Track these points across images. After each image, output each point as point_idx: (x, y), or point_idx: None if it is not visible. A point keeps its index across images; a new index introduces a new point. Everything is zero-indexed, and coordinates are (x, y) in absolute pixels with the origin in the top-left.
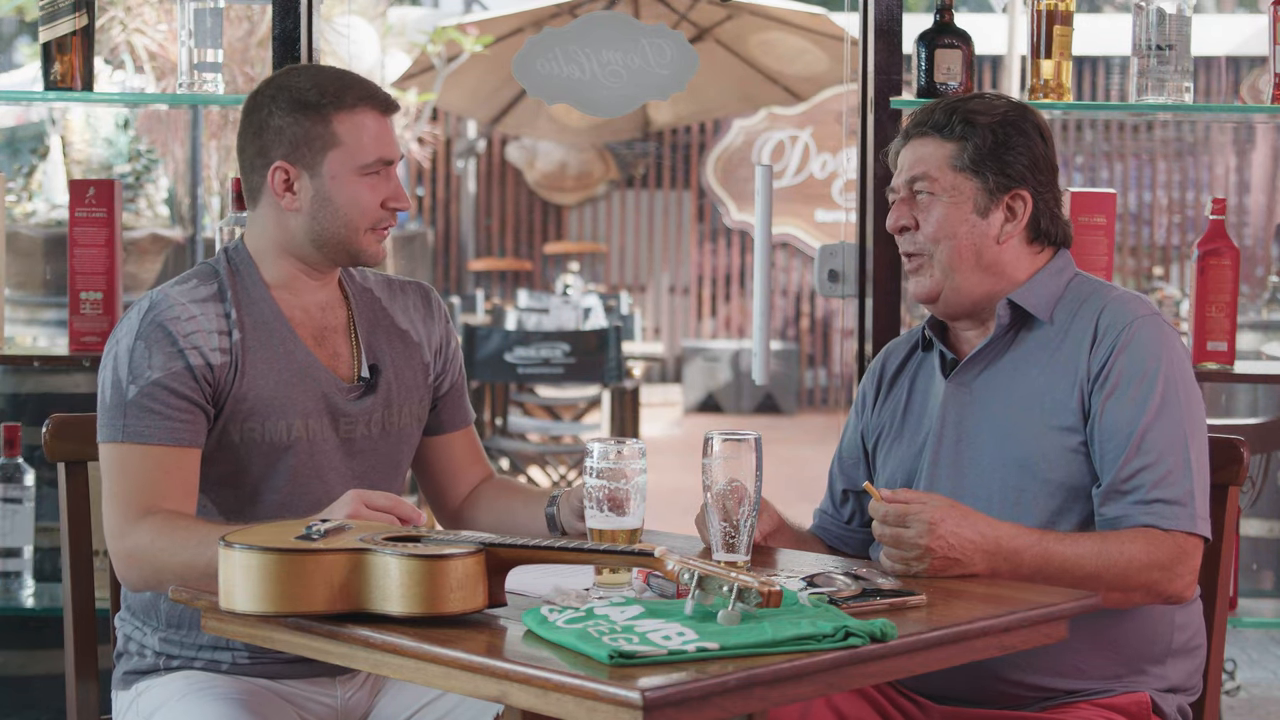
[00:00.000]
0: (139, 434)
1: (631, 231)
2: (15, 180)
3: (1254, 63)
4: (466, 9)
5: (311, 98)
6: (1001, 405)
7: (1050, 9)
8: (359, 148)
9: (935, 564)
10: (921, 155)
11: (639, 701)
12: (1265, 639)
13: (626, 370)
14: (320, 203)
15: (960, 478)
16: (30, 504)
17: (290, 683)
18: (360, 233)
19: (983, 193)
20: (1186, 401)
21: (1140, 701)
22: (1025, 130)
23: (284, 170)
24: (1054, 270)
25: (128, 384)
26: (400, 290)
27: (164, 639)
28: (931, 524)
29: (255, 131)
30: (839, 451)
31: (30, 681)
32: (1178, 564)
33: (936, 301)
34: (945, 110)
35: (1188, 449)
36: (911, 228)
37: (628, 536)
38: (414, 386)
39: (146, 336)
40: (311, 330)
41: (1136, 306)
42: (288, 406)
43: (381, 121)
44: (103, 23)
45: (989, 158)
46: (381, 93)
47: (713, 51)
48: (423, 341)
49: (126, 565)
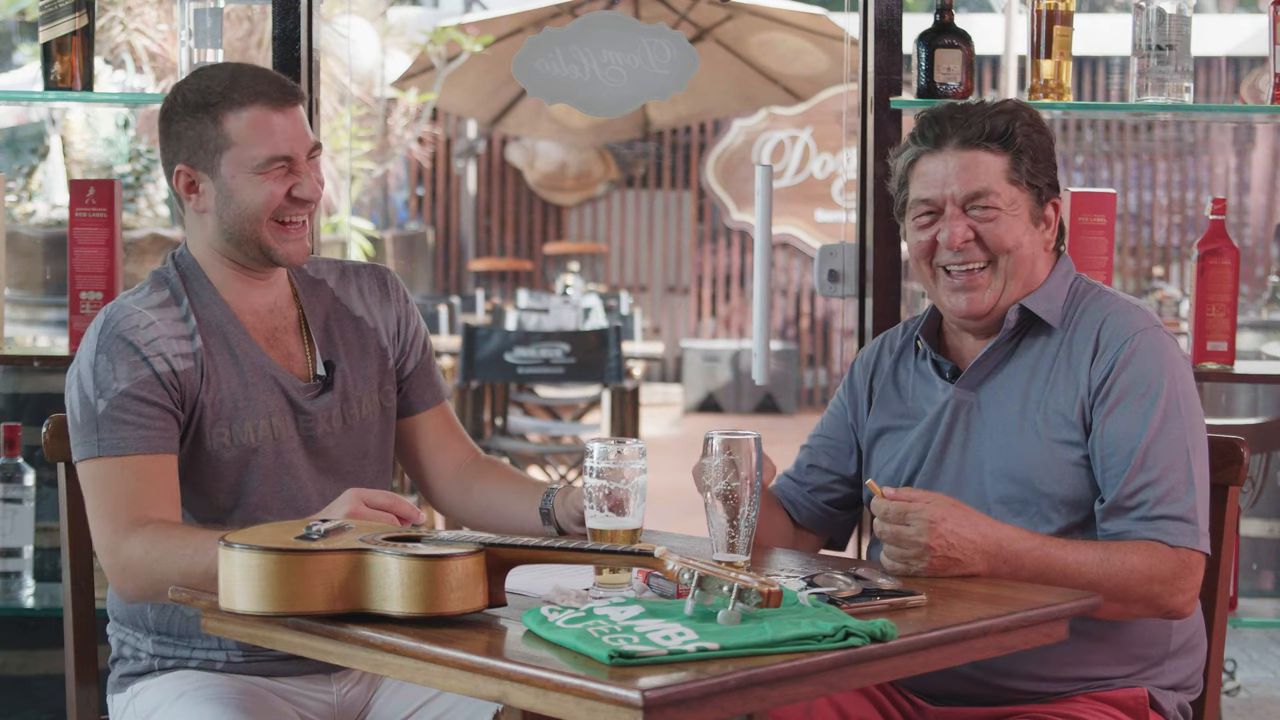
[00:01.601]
0: (114, 446)
1: (631, 231)
2: (15, 180)
3: (1254, 63)
4: (466, 9)
5: (202, 99)
6: (1005, 415)
7: (1050, 9)
8: (249, 147)
9: (935, 563)
10: (976, 170)
11: (639, 701)
12: (1265, 639)
13: (626, 370)
14: (223, 201)
15: (962, 486)
16: (30, 504)
17: (286, 680)
18: (267, 226)
19: (1035, 203)
20: (1188, 415)
21: (1138, 696)
22: (1048, 134)
23: (186, 173)
24: (1061, 273)
25: (95, 399)
26: (355, 275)
27: (157, 641)
28: (932, 522)
29: (162, 136)
30: (820, 431)
31: (30, 681)
32: (1179, 579)
33: (985, 317)
34: (992, 119)
35: (1190, 464)
36: (973, 241)
37: (628, 536)
38: (372, 375)
39: (108, 350)
40: (263, 333)
41: (1138, 319)
42: (252, 407)
43: (276, 117)
44: (103, 23)
45: (1038, 168)
46: (275, 86)
47: (713, 51)
48: (379, 326)
49: (122, 579)
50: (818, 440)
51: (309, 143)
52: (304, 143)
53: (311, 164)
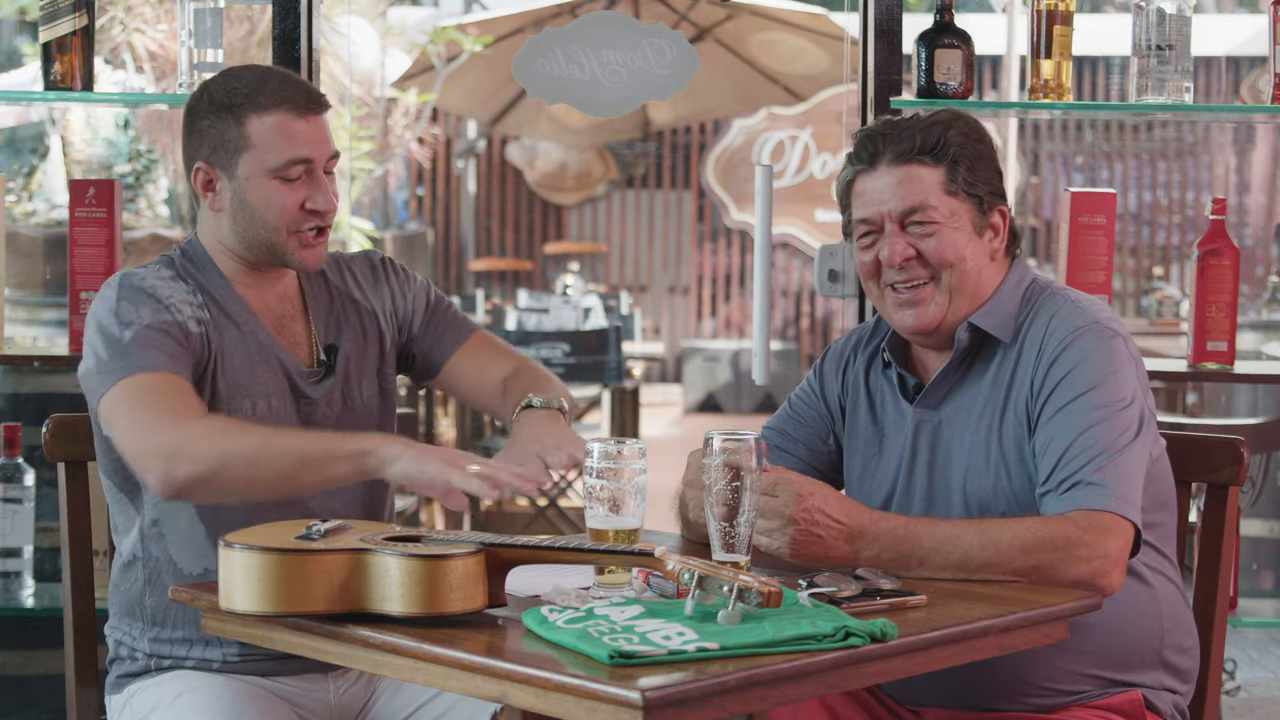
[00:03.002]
0: (148, 365)
1: (631, 231)
2: (15, 180)
3: (1254, 63)
4: (466, 9)
5: (228, 99)
6: (969, 437)
7: (1050, 9)
8: (269, 150)
9: (796, 537)
10: (910, 184)
11: (639, 701)
12: (1265, 639)
13: (626, 370)
14: (238, 204)
15: (931, 510)
16: (30, 504)
17: (283, 680)
18: (282, 235)
19: (976, 213)
20: (1125, 412)
21: (1133, 700)
22: (987, 140)
23: (205, 171)
24: (1012, 283)
25: (121, 331)
26: (347, 265)
27: (153, 639)
28: (800, 496)
29: (186, 132)
30: (788, 412)
31: (30, 681)
32: (1077, 546)
33: (934, 332)
34: (924, 132)
35: (1120, 451)
36: (914, 258)
37: (627, 536)
38: (373, 358)
39: (129, 297)
40: (271, 318)
41: (1078, 317)
42: (254, 386)
43: (298, 123)
44: (103, 23)
45: (975, 177)
46: (301, 93)
47: (713, 51)
48: (376, 310)
49: (174, 459)
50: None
51: (329, 150)
52: (325, 149)
53: (329, 174)
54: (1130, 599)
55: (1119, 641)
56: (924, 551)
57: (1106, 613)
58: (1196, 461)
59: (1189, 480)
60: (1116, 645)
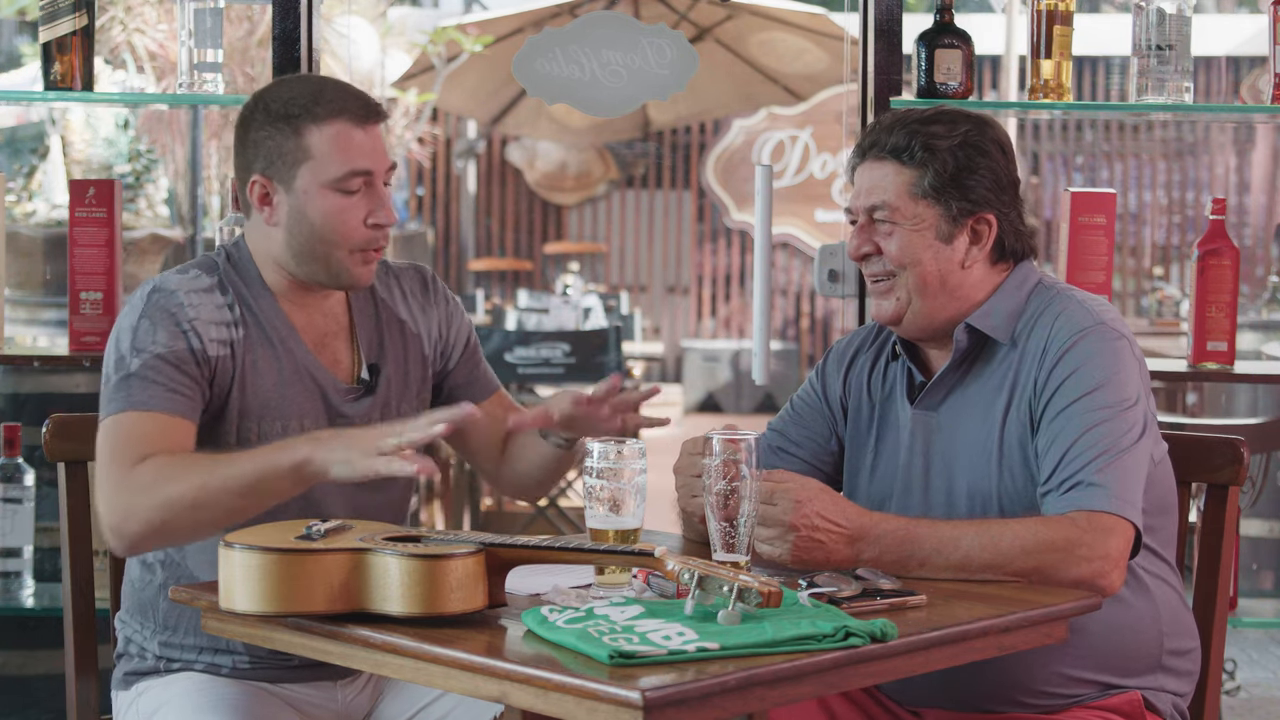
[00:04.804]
0: (141, 403)
1: (631, 231)
2: (15, 180)
3: (1254, 63)
4: (466, 9)
5: (285, 109)
6: (967, 436)
7: (1050, 9)
8: (329, 161)
9: (797, 544)
10: (879, 182)
11: (639, 701)
12: (1265, 639)
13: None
14: (296, 218)
15: (932, 510)
16: (30, 504)
17: (291, 686)
18: (342, 252)
19: (945, 220)
20: (1127, 414)
21: (1132, 700)
22: (986, 150)
23: (261, 184)
24: (1013, 285)
25: (131, 358)
26: (396, 277)
27: (163, 643)
28: (799, 502)
29: (240, 143)
30: (790, 413)
31: (30, 681)
32: (1078, 546)
33: (899, 324)
34: (904, 133)
35: (1122, 452)
36: (874, 253)
37: (627, 536)
38: (414, 381)
39: (151, 315)
40: (313, 336)
41: (1083, 318)
42: (285, 407)
43: (357, 133)
44: (103, 23)
45: (950, 184)
46: (358, 103)
47: (713, 51)
48: (421, 333)
49: (124, 518)
50: (786, 420)
51: (387, 161)
52: (384, 160)
53: (386, 186)
54: (1129, 604)
55: (1117, 647)
56: (925, 552)
57: (1105, 618)
58: (1196, 462)
59: (1189, 480)
60: (1115, 650)
